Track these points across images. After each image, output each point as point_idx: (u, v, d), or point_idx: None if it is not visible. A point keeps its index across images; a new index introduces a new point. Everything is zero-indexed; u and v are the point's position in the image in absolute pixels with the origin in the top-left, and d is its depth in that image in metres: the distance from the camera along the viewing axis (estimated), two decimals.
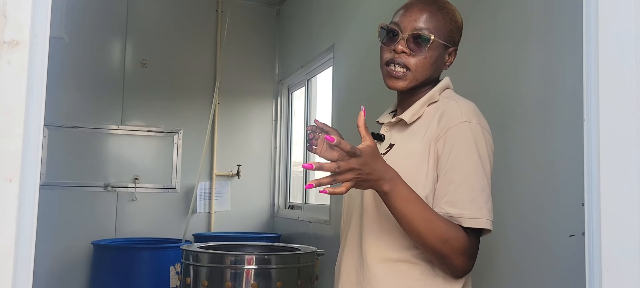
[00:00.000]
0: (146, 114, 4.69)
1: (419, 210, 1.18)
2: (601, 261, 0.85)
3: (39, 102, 0.64)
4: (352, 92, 3.58)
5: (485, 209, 1.21)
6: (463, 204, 1.20)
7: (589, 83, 0.91)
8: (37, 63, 0.64)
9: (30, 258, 0.63)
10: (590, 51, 0.90)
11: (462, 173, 1.22)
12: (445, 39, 1.34)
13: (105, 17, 4.62)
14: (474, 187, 1.21)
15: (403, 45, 1.31)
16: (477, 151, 1.23)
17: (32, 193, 0.63)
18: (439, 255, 1.20)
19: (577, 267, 1.67)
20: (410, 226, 1.18)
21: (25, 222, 0.63)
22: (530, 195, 1.93)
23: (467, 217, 1.19)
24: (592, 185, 0.90)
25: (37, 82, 0.64)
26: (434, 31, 1.32)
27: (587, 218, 0.92)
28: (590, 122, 0.90)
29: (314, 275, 2.91)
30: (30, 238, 0.64)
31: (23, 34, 0.62)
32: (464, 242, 1.20)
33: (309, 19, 4.48)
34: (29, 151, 0.63)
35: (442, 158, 1.24)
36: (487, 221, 1.21)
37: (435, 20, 1.32)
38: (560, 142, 1.81)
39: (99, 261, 4.00)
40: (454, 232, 1.19)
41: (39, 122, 0.64)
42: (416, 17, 1.32)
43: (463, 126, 1.24)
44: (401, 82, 1.32)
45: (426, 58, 1.31)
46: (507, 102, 2.07)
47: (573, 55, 1.75)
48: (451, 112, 1.27)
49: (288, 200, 4.91)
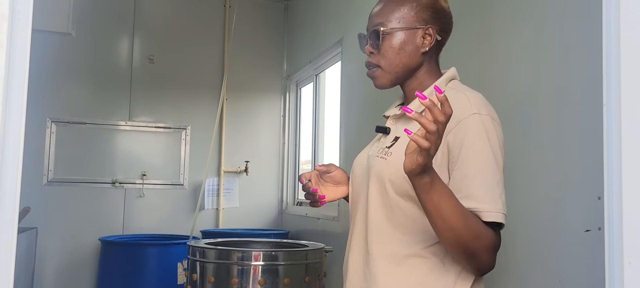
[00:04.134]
0: (154, 110, 4.67)
1: (455, 203, 1.12)
2: (623, 255, 0.80)
3: (21, 81, 0.60)
4: (360, 86, 3.54)
5: (500, 202, 1.17)
6: (479, 198, 1.16)
7: (609, 72, 0.86)
8: (19, 39, 0.60)
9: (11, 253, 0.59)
10: (610, 39, 0.85)
11: (476, 167, 1.18)
12: (408, 22, 1.31)
13: (113, 12, 4.61)
14: (488, 180, 1.17)
15: (368, 47, 1.34)
16: (489, 143, 1.20)
17: (14, 181, 0.59)
18: (470, 252, 1.15)
19: (593, 263, 1.62)
20: (444, 222, 1.11)
21: (5, 211, 0.59)
22: (544, 191, 1.88)
23: (484, 210, 1.15)
24: (613, 177, 0.85)
25: (18, 59, 0.59)
26: (389, 20, 1.32)
27: (607, 211, 0.87)
28: (610, 112, 0.86)
29: (321, 271, 2.87)
30: (11, 231, 0.59)
31: (2, 8, 0.58)
32: (492, 237, 1.16)
33: (317, 14, 4.44)
34: (10, 133, 0.58)
35: (453, 152, 1.20)
36: (502, 215, 1.17)
37: (389, 9, 1.33)
38: (574, 136, 1.76)
39: (106, 257, 3.99)
40: (483, 228, 1.14)
41: (20, 102, 0.60)
42: (374, 15, 1.36)
43: (474, 118, 1.20)
44: (377, 80, 1.35)
45: (389, 49, 1.31)
46: (521, 96, 2.02)
47: (587, 47, 1.69)
48: (461, 104, 1.23)
49: (296, 197, 4.87)
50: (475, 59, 2.25)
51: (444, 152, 1.21)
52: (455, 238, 1.13)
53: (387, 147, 1.30)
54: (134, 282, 3.86)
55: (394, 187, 1.25)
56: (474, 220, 1.14)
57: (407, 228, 1.24)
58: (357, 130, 3.54)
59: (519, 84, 2.04)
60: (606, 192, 0.86)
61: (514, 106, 2.01)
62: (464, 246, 1.14)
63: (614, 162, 0.84)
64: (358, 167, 1.42)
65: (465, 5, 2.28)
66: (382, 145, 1.33)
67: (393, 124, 1.37)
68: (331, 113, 4.30)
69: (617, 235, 0.82)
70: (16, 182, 0.60)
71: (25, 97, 0.60)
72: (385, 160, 1.28)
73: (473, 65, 2.24)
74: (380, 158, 1.30)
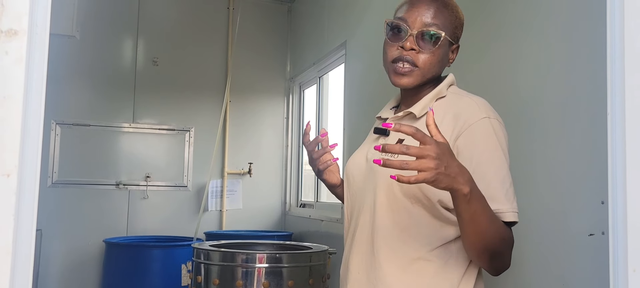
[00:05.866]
0: (158, 111, 4.69)
1: (487, 209, 1.13)
2: (627, 262, 0.81)
3: (39, 94, 0.61)
4: (364, 89, 3.55)
5: (515, 202, 1.21)
6: (500, 199, 1.18)
7: (613, 76, 0.87)
8: (37, 53, 0.61)
9: (30, 256, 0.60)
10: (614, 43, 0.86)
11: (491, 169, 1.20)
12: (450, 35, 1.32)
13: (117, 15, 4.62)
14: (504, 182, 1.20)
15: (412, 42, 1.28)
16: (500, 146, 1.22)
17: (32, 188, 0.61)
18: (496, 254, 1.17)
19: (597, 267, 1.63)
20: (478, 228, 1.12)
21: (24, 219, 0.60)
22: (547, 194, 1.89)
23: (505, 211, 1.18)
24: (617, 182, 0.86)
25: (36, 73, 0.61)
26: (442, 28, 1.29)
27: (611, 217, 0.87)
28: (614, 116, 0.86)
29: (325, 274, 2.88)
30: (30, 235, 0.61)
31: (22, 23, 0.59)
32: (511, 237, 1.19)
33: (321, 16, 4.45)
34: (28, 145, 0.60)
35: (464, 154, 1.20)
36: (517, 214, 1.20)
37: (443, 17, 1.30)
38: (578, 140, 1.77)
39: (110, 259, 4.00)
40: (506, 229, 1.18)
41: (38, 114, 0.61)
42: (424, 13, 1.29)
43: (484, 122, 1.22)
44: (407, 78, 1.29)
45: (435, 55, 1.29)
46: (525, 99, 2.03)
47: (593, 51, 1.70)
48: (469, 108, 1.25)
49: (300, 199, 4.88)
50: (481, 63, 2.26)
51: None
52: (484, 243, 1.14)
53: None
54: (138, 284, 3.87)
55: (403, 189, 1.24)
56: (500, 223, 1.16)
57: (412, 232, 1.24)
58: (360, 133, 3.55)
59: (524, 88, 2.05)
60: (610, 200, 0.86)
61: (519, 109, 2.01)
62: (491, 249, 1.16)
63: (618, 168, 0.85)
64: (356, 169, 1.40)
65: (473, 9, 2.29)
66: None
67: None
68: (334, 115, 4.31)
69: (621, 243, 0.82)
70: (34, 192, 0.62)
71: (43, 111, 0.61)
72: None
73: (479, 69, 2.25)
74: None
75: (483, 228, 1.12)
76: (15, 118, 0.57)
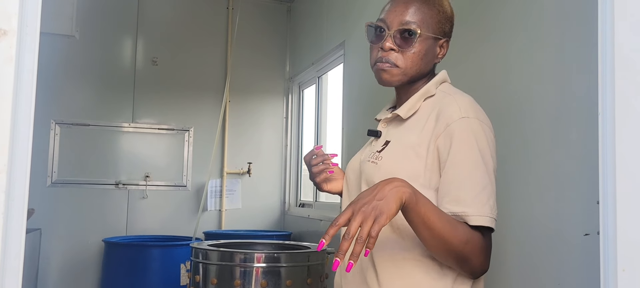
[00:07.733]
0: (157, 111, 4.69)
1: (439, 213, 1.12)
2: (617, 261, 0.81)
3: (29, 94, 0.62)
4: (363, 88, 3.55)
5: (488, 207, 1.16)
6: (466, 202, 1.16)
7: (604, 78, 0.87)
8: (27, 53, 0.61)
9: (20, 254, 0.61)
10: (605, 45, 0.87)
11: (463, 171, 1.18)
12: (434, 31, 1.31)
13: (116, 14, 4.63)
14: (476, 184, 1.17)
15: (390, 42, 1.28)
16: (477, 147, 1.19)
17: (22, 187, 0.61)
18: (461, 258, 1.15)
19: (592, 267, 1.63)
20: (433, 232, 1.11)
21: (14, 217, 0.60)
22: (543, 194, 1.89)
23: (471, 214, 1.15)
24: (607, 183, 0.87)
25: (26, 73, 0.61)
26: (421, 24, 1.29)
27: (602, 218, 0.88)
28: (605, 118, 0.87)
29: (323, 273, 2.88)
30: (19, 233, 0.61)
31: (11, 23, 0.59)
32: (481, 241, 1.15)
33: (320, 16, 4.45)
34: (18, 144, 0.60)
35: (443, 156, 1.21)
36: (490, 219, 1.17)
37: (422, 13, 1.29)
38: (573, 140, 1.77)
39: (110, 258, 4.01)
40: (470, 232, 1.14)
41: (29, 114, 0.62)
42: (402, 11, 1.29)
43: (462, 122, 1.20)
44: (387, 75, 1.30)
45: (415, 53, 1.29)
46: (518, 100, 2.03)
47: (586, 50, 1.70)
48: (449, 108, 1.23)
49: (299, 198, 4.89)
50: (473, 62, 2.26)
51: (435, 157, 1.22)
52: (445, 247, 1.13)
53: (378, 151, 1.31)
54: (137, 283, 3.88)
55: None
56: (461, 226, 1.14)
57: (405, 233, 1.24)
58: (359, 133, 3.55)
59: (517, 87, 2.05)
60: (601, 201, 0.87)
61: (513, 109, 2.02)
62: (453, 252, 1.14)
63: (609, 169, 0.85)
64: (351, 171, 1.42)
65: (464, 8, 2.29)
66: (373, 149, 1.34)
67: (384, 127, 1.37)
68: (333, 115, 4.32)
69: (611, 241, 0.83)
70: (24, 191, 0.62)
71: (33, 111, 0.62)
72: (376, 165, 1.28)
73: (471, 68, 2.25)
74: (371, 163, 1.30)
75: (438, 232, 1.11)
76: (5, 117, 0.58)
